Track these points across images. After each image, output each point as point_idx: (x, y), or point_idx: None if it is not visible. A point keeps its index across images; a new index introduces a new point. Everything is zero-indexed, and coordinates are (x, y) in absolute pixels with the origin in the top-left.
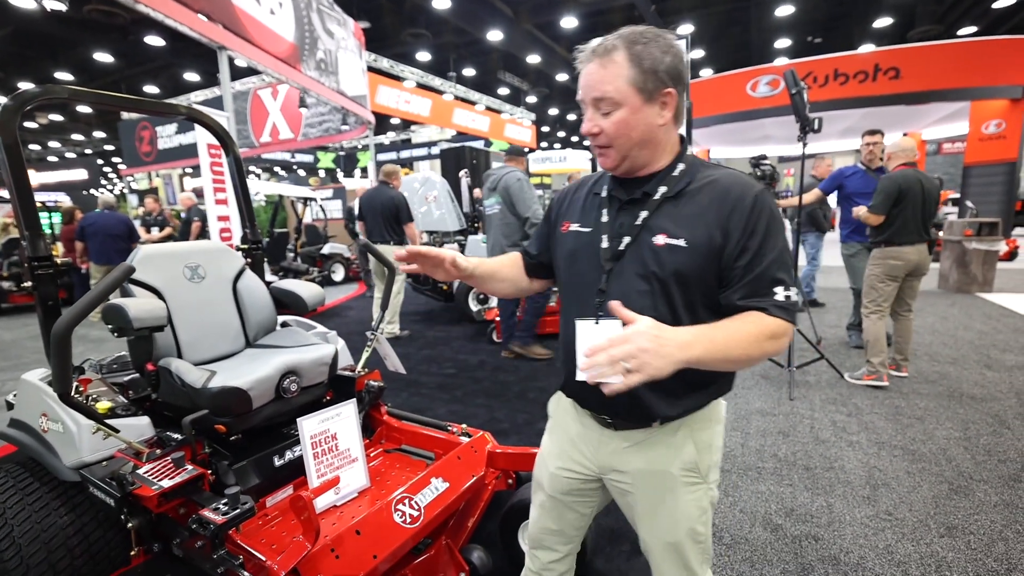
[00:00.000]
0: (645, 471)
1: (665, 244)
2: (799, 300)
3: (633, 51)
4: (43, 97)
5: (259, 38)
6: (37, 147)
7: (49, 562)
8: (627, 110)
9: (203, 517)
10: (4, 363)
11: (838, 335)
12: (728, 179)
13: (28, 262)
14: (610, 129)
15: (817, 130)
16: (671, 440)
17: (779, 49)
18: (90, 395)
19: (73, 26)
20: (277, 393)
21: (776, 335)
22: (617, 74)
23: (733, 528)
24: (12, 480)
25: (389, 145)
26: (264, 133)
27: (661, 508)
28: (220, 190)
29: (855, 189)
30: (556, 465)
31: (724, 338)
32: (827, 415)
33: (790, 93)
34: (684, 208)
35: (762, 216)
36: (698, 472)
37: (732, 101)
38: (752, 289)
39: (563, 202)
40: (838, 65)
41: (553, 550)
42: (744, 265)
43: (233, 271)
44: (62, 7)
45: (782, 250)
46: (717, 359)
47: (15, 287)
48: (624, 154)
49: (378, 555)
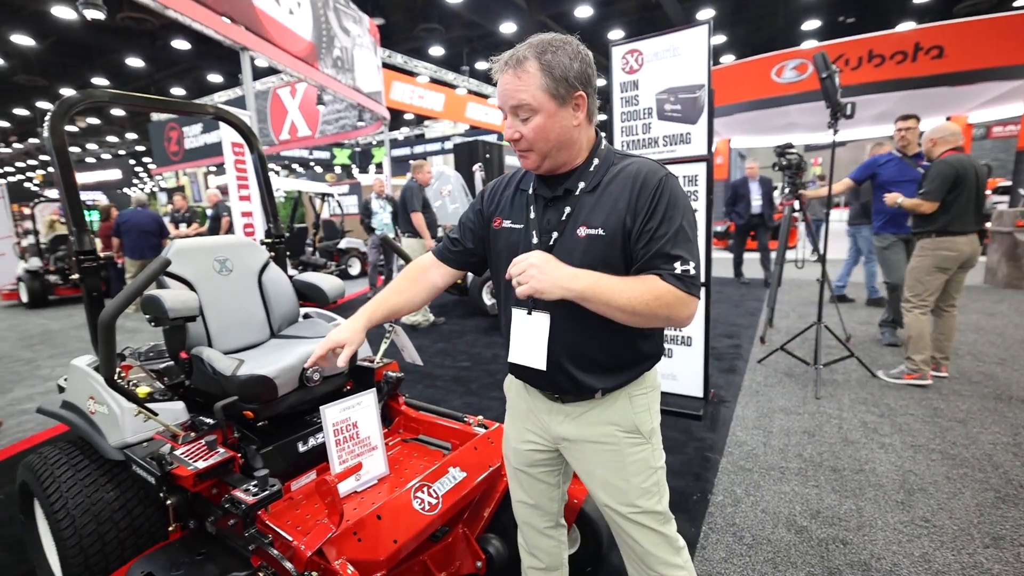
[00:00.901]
0: (592, 437)
1: (586, 235)
2: (698, 276)
3: (543, 60)
4: (86, 101)
5: (279, 38)
6: (76, 149)
7: (98, 533)
8: (543, 115)
9: (235, 497)
10: (53, 350)
11: (869, 332)
12: (637, 166)
13: (75, 256)
14: (529, 134)
15: (849, 116)
16: (612, 408)
17: (807, 31)
18: (131, 380)
19: (107, 34)
20: (300, 382)
21: (664, 299)
22: (530, 83)
23: (754, 528)
24: (65, 457)
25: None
26: (283, 131)
27: (611, 469)
28: (244, 186)
29: (890, 177)
30: (516, 440)
31: (609, 283)
32: (856, 415)
33: (820, 77)
34: (601, 199)
35: (663, 199)
36: (640, 434)
37: (755, 88)
38: (652, 264)
39: (493, 198)
40: (873, 46)
41: (535, 527)
42: (644, 245)
43: (258, 264)
44: (101, 16)
45: (680, 228)
46: (601, 300)
47: (61, 280)
48: (544, 155)
49: (398, 540)
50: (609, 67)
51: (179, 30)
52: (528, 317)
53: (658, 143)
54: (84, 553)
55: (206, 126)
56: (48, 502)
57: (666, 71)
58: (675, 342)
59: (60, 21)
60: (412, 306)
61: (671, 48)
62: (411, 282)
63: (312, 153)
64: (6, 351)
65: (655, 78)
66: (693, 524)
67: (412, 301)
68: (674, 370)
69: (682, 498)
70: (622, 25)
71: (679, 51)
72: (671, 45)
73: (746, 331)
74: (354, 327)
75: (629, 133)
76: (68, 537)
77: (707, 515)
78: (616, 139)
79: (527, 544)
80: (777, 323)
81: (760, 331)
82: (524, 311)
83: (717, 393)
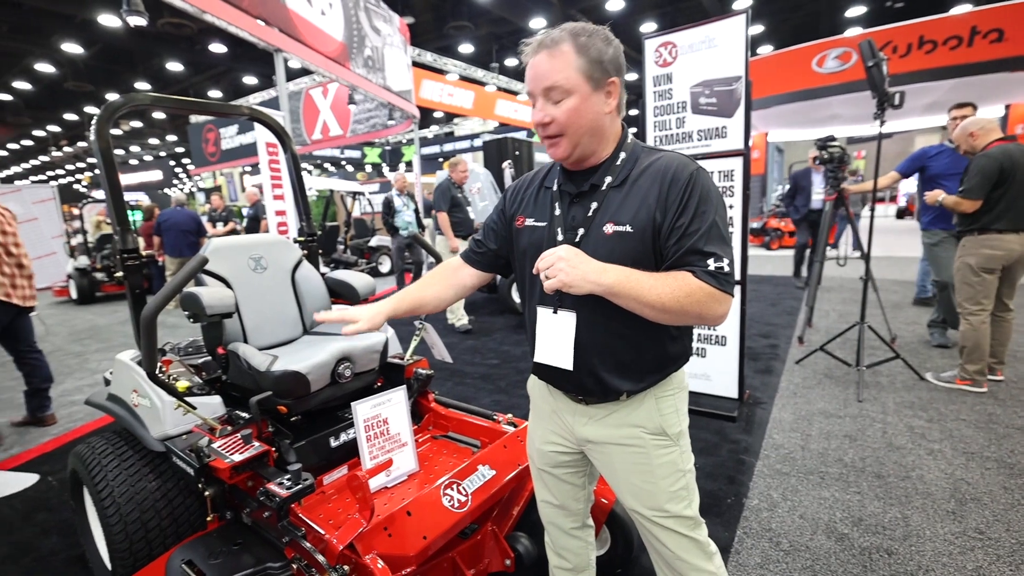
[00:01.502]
0: (617, 439)
1: (613, 232)
2: (732, 274)
3: (579, 42)
4: (129, 105)
5: (311, 39)
6: (120, 151)
7: (141, 521)
8: (577, 98)
9: (269, 490)
10: (99, 344)
11: (916, 332)
12: (666, 160)
13: (119, 254)
14: (562, 117)
15: (898, 106)
16: (638, 410)
17: (851, 18)
18: (171, 375)
19: (149, 40)
20: (332, 378)
21: (695, 296)
22: (567, 63)
23: (792, 534)
24: (111, 447)
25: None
26: (315, 130)
27: (638, 473)
28: (277, 186)
29: (941, 170)
30: (540, 441)
31: (639, 279)
32: (902, 419)
33: (866, 66)
34: (629, 195)
35: (694, 193)
36: (667, 436)
37: (795, 79)
38: (685, 261)
39: (515, 197)
40: (924, 31)
41: (561, 528)
42: (676, 241)
43: (292, 262)
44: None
45: (713, 224)
46: (630, 295)
47: (107, 278)
48: (575, 142)
49: (427, 536)
50: (641, 61)
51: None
52: (554, 316)
53: (692, 137)
54: (129, 539)
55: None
56: (96, 490)
57: (701, 63)
58: (708, 341)
59: (106, 29)
60: (440, 302)
61: (707, 39)
62: (441, 279)
63: (343, 152)
64: (58, 345)
65: (689, 71)
66: (727, 528)
67: (440, 297)
68: (707, 370)
69: (715, 501)
70: (654, 18)
71: (715, 42)
72: (707, 36)
73: (783, 331)
74: (377, 309)
75: (662, 128)
76: (114, 524)
77: (742, 519)
78: (649, 134)
79: (553, 544)
80: (816, 323)
81: (798, 331)
82: (550, 310)
83: (752, 394)
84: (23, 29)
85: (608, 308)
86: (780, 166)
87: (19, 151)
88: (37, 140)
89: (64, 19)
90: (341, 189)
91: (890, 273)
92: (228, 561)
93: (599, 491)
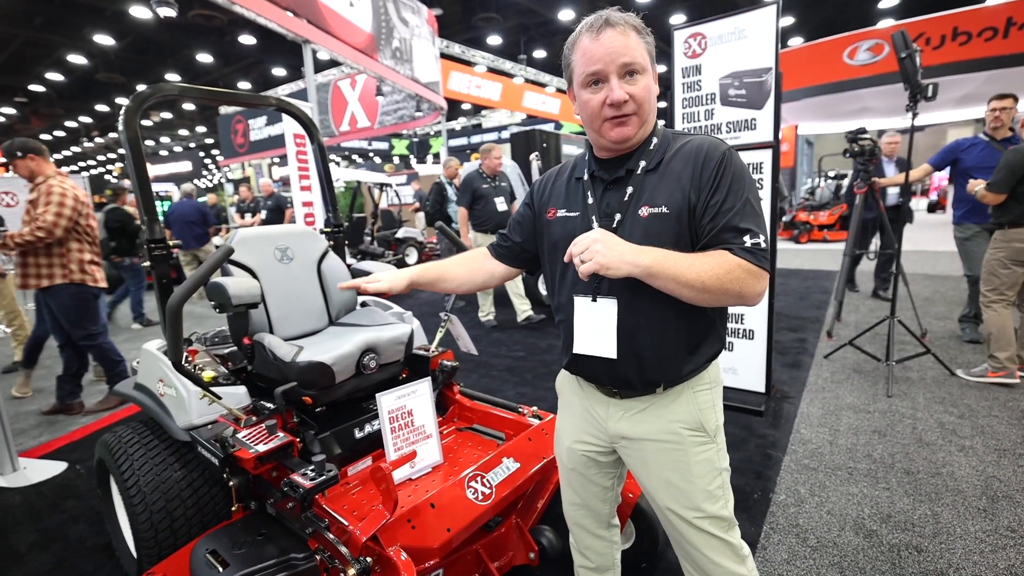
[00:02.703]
0: (654, 435)
1: (649, 214)
2: (767, 251)
3: (635, 24)
4: (157, 95)
5: (339, 30)
6: (151, 142)
7: (167, 510)
8: (649, 76)
9: (293, 481)
10: (129, 333)
11: (947, 328)
12: (698, 141)
13: (147, 244)
14: (640, 94)
15: (931, 97)
16: (675, 403)
17: (883, 10)
18: (197, 365)
19: (179, 31)
20: (357, 369)
21: (734, 273)
22: (637, 42)
23: (819, 530)
24: (138, 436)
25: (460, 131)
26: (343, 122)
27: (674, 470)
28: (305, 176)
29: (974, 163)
30: (570, 439)
31: (677, 259)
32: (932, 415)
33: (899, 58)
34: (664, 177)
35: (727, 172)
36: (705, 432)
37: (825, 71)
38: (721, 239)
39: (544, 190)
40: (958, 23)
41: (585, 528)
42: (711, 219)
43: (318, 253)
44: (172, 13)
45: (747, 201)
46: (669, 276)
47: None
48: (644, 120)
49: (451, 529)
50: (670, 52)
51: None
52: (593, 304)
53: (721, 129)
54: (154, 528)
55: (270, 119)
56: (122, 479)
57: (730, 55)
58: (736, 335)
59: (137, 21)
60: (462, 283)
61: (736, 30)
62: (467, 262)
63: (371, 144)
64: None
65: (719, 62)
66: (754, 523)
67: (464, 279)
68: (735, 364)
69: (743, 496)
70: (683, 10)
71: (745, 33)
72: (736, 27)
73: (812, 325)
74: (399, 274)
75: (691, 120)
76: (140, 512)
77: (768, 515)
78: (677, 126)
79: (578, 544)
80: (845, 317)
81: (827, 325)
82: (588, 298)
83: (780, 388)
84: (56, 22)
85: (648, 292)
86: (810, 159)
87: (52, 142)
88: (69, 131)
89: (96, 11)
90: (369, 180)
91: (920, 267)
92: (252, 551)
93: (624, 487)
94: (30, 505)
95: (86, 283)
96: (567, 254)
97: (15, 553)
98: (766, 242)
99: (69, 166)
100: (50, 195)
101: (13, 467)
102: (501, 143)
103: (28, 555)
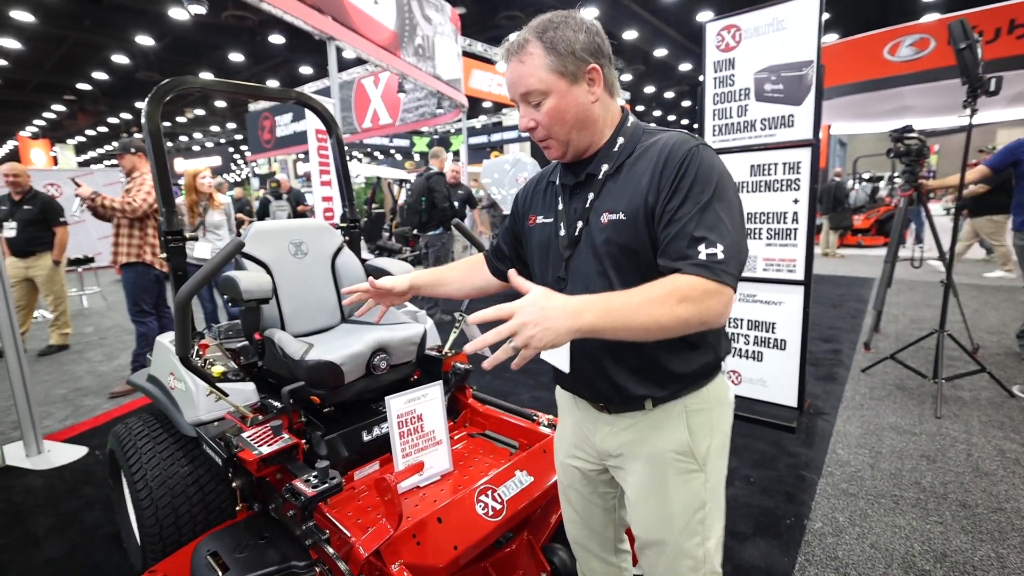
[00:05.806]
0: (637, 453)
1: (608, 221)
2: (727, 262)
3: (545, 39)
4: (178, 87)
5: (363, 27)
6: (184, 138)
7: (172, 505)
8: (555, 97)
9: (295, 487)
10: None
11: (1003, 343)
12: (665, 138)
13: (164, 236)
14: (544, 119)
15: (993, 92)
16: (665, 422)
17: (927, 3)
18: (207, 359)
19: (213, 32)
20: (367, 369)
21: (689, 296)
22: (536, 65)
23: (862, 565)
24: (147, 429)
25: (480, 128)
26: (366, 119)
27: (651, 495)
28: (325, 171)
29: None
30: (565, 454)
31: (622, 303)
32: (990, 441)
33: (957, 49)
34: (624, 181)
35: (688, 172)
36: (693, 458)
37: (863, 68)
38: (673, 249)
39: (527, 196)
40: (1015, 14)
41: (588, 550)
42: (664, 227)
43: (332, 248)
44: (202, 10)
45: (707, 205)
46: (617, 326)
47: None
48: (565, 141)
49: (459, 546)
50: (702, 46)
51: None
52: None
53: (755, 126)
54: (159, 524)
55: (295, 116)
56: (130, 472)
57: (767, 48)
58: (766, 344)
59: (175, 22)
60: (461, 287)
61: (775, 21)
62: (465, 266)
63: (392, 141)
64: (116, 321)
65: (754, 56)
66: (787, 553)
67: (462, 283)
68: (763, 375)
69: (773, 520)
70: (712, 6)
71: (784, 24)
72: (775, 18)
73: (847, 335)
74: (400, 278)
75: (722, 116)
76: (145, 507)
77: (803, 544)
78: (707, 123)
79: (582, 566)
80: (885, 328)
81: (864, 336)
82: None
83: (813, 403)
84: (103, 23)
85: None
86: (842, 160)
87: (96, 137)
88: (111, 127)
89: (138, 13)
90: (388, 177)
91: (968, 278)
92: (253, 556)
93: None
94: (51, 489)
95: (154, 265)
96: (495, 335)
97: (32, 537)
98: (727, 252)
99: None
100: (143, 186)
101: (38, 449)
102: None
103: (45, 540)
